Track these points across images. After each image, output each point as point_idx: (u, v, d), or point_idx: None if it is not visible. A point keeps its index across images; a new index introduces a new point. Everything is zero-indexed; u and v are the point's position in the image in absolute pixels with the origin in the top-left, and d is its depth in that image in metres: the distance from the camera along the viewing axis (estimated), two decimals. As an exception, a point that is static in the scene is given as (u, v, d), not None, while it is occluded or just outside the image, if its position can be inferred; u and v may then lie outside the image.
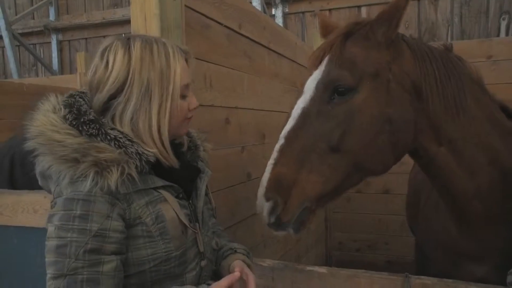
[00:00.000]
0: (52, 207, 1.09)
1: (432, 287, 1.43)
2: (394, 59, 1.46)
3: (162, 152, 1.17)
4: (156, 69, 1.15)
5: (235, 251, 1.38)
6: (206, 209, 1.37)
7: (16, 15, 6.99)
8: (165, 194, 1.17)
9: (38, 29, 7.06)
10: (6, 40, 6.36)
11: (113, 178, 1.03)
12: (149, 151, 1.13)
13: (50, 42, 7.11)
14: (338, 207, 4.16)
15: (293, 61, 3.21)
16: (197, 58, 1.95)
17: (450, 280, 1.43)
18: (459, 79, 1.52)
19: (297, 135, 1.39)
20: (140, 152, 1.10)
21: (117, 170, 1.04)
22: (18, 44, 6.69)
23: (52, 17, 7.06)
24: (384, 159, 1.47)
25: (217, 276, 1.64)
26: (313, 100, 1.42)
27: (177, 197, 1.22)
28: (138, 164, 1.09)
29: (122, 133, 1.12)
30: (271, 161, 1.40)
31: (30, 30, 7.13)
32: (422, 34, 4.90)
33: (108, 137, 1.09)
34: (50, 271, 1.02)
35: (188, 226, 1.19)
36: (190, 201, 1.28)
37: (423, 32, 4.91)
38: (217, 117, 2.13)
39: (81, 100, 1.18)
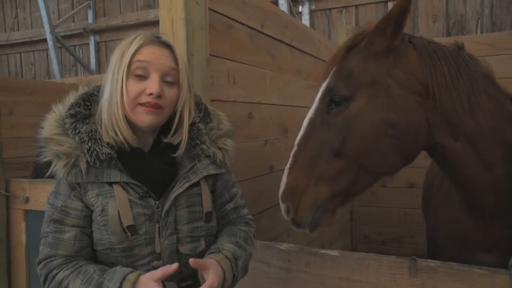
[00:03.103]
0: None
1: (437, 269, 1.50)
2: (396, 65, 1.52)
3: (118, 139, 1.24)
4: (120, 50, 1.26)
5: (219, 250, 1.32)
6: (187, 212, 1.31)
7: (59, 19, 7.40)
8: (117, 190, 1.23)
9: (78, 31, 7.43)
10: (50, 43, 6.73)
11: (59, 167, 1.21)
12: (103, 149, 1.22)
13: (88, 43, 7.47)
14: (363, 200, 4.24)
15: (316, 57, 3.29)
16: (220, 57, 2.09)
17: (454, 263, 1.50)
18: (472, 76, 1.53)
19: (306, 142, 1.57)
20: (92, 149, 1.22)
21: (63, 161, 1.20)
22: (60, 46, 7.07)
23: (90, 19, 7.43)
24: (390, 162, 1.54)
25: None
26: (317, 110, 1.59)
27: (141, 195, 1.25)
28: (89, 159, 1.21)
29: (91, 129, 1.24)
30: (287, 166, 1.58)
31: (71, 32, 7.51)
32: (450, 28, 4.82)
33: (73, 132, 1.23)
34: None
35: (125, 229, 1.21)
36: (158, 202, 1.28)
37: (451, 25, 4.82)
38: (240, 112, 2.25)
39: (94, 93, 1.33)
